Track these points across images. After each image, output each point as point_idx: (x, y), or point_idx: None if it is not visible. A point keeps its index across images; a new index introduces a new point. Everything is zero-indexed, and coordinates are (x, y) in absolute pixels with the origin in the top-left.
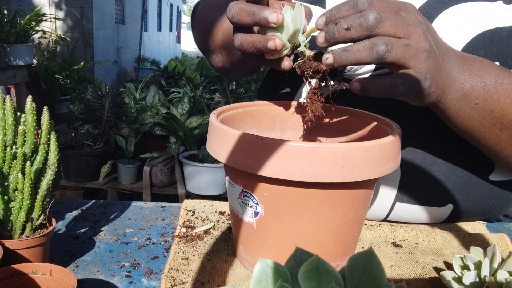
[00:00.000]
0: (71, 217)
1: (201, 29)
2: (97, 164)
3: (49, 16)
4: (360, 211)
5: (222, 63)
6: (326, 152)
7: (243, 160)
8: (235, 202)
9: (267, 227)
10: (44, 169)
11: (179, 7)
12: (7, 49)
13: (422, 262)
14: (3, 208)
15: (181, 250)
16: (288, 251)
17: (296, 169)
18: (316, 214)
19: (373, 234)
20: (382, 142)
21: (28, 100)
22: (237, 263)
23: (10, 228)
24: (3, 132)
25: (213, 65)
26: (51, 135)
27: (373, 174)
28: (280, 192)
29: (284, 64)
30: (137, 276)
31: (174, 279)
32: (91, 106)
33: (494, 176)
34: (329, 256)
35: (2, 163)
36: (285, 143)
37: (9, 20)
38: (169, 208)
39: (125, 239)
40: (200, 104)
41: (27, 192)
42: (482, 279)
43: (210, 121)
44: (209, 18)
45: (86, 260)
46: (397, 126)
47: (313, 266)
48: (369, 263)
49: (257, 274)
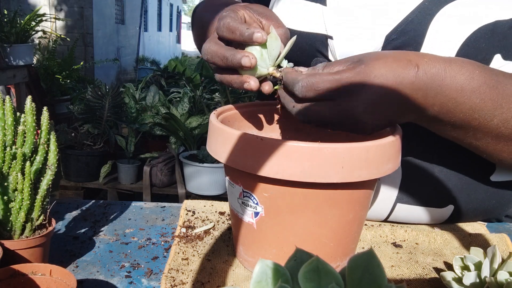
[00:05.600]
0: (71, 217)
1: (198, 29)
2: (97, 164)
3: (49, 16)
4: (360, 211)
5: None
6: (326, 152)
7: (243, 160)
8: (235, 202)
9: (267, 227)
10: (44, 169)
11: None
12: (7, 49)
13: (422, 262)
14: (3, 208)
15: (181, 251)
16: (288, 251)
17: (297, 169)
18: (316, 215)
19: (374, 234)
20: (383, 142)
21: (28, 100)
22: (237, 263)
23: (10, 229)
24: (3, 132)
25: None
26: (50, 135)
27: (373, 174)
28: (280, 192)
29: (264, 88)
30: (137, 277)
31: (174, 280)
32: (91, 106)
33: (495, 177)
34: (329, 257)
35: (1, 163)
36: (285, 143)
37: (9, 20)
38: (169, 208)
39: (125, 239)
40: (200, 104)
41: (26, 192)
42: (482, 279)
43: (210, 121)
44: (204, 19)
45: (86, 261)
46: (397, 127)
47: (313, 267)
48: (369, 263)
49: (257, 274)
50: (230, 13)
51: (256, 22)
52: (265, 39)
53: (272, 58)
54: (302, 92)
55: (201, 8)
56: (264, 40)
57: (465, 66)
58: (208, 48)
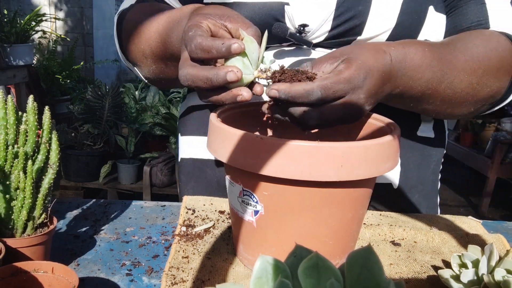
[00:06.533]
0: (72, 216)
1: (140, 39)
2: (97, 164)
3: (49, 16)
4: (360, 210)
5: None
6: (325, 151)
7: (244, 159)
8: (235, 201)
9: (267, 225)
10: (46, 168)
11: None
12: (7, 49)
13: (420, 260)
14: (5, 207)
15: (181, 249)
16: (288, 249)
17: (296, 168)
18: (316, 213)
19: (372, 232)
20: (381, 141)
21: (30, 100)
22: (237, 261)
23: (12, 227)
24: (5, 131)
25: (150, 76)
26: (52, 134)
27: (372, 173)
28: (280, 191)
29: (256, 90)
30: (138, 275)
31: (174, 278)
32: (91, 106)
33: (420, 132)
34: (328, 255)
35: (4, 162)
36: (285, 143)
37: (9, 20)
38: (169, 207)
39: (125, 238)
40: None
41: (28, 191)
42: (480, 277)
43: (211, 120)
44: (148, 29)
45: (87, 259)
46: (396, 126)
47: (313, 263)
48: (368, 260)
49: (258, 270)
50: (196, 31)
51: (221, 29)
52: (243, 48)
53: (253, 62)
54: (321, 98)
55: (135, 16)
56: (243, 49)
57: (418, 47)
58: (186, 74)
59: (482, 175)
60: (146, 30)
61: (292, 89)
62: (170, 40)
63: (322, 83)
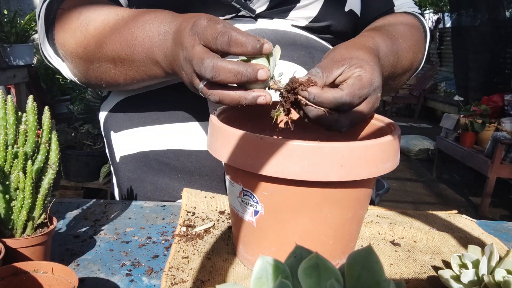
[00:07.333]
0: (72, 216)
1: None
2: (97, 164)
3: None
4: (360, 209)
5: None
6: (325, 151)
7: (244, 159)
8: (235, 201)
9: (267, 226)
10: (45, 168)
11: None
12: (7, 49)
13: (420, 260)
14: (5, 207)
15: (181, 249)
16: (288, 249)
17: (296, 168)
18: (316, 213)
19: (372, 231)
20: (381, 141)
21: (30, 100)
22: (237, 262)
23: (12, 227)
24: (5, 131)
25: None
26: (52, 134)
27: (372, 173)
28: (280, 191)
29: None
30: (138, 275)
31: (174, 278)
32: (91, 106)
33: None
34: (328, 255)
35: (3, 162)
36: (285, 143)
37: (9, 20)
38: (169, 207)
39: (125, 238)
40: None
41: (28, 191)
42: (480, 277)
43: (211, 120)
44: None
45: (87, 259)
46: (396, 126)
47: (313, 263)
48: (368, 260)
49: (258, 271)
50: (226, 25)
51: None
52: (272, 50)
53: (272, 69)
54: (351, 104)
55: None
56: (271, 51)
57: (380, 38)
58: (215, 65)
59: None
60: (106, 27)
61: (323, 95)
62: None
63: (350, 91)
